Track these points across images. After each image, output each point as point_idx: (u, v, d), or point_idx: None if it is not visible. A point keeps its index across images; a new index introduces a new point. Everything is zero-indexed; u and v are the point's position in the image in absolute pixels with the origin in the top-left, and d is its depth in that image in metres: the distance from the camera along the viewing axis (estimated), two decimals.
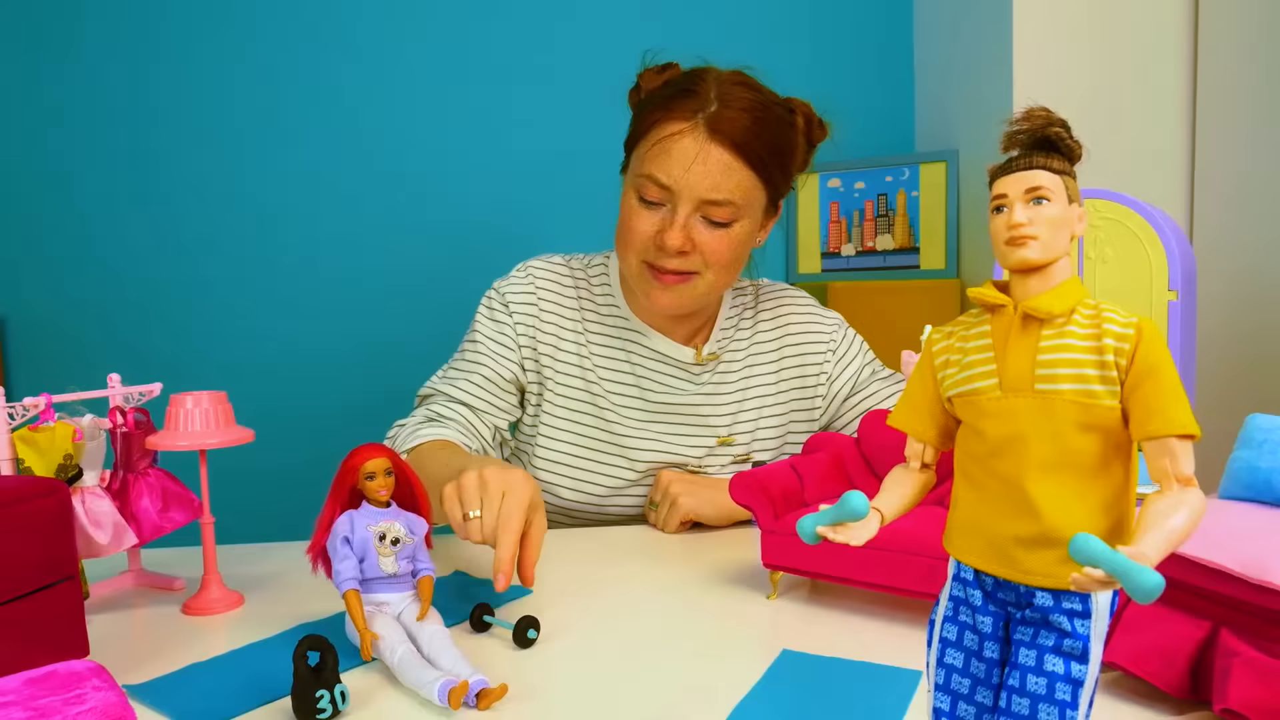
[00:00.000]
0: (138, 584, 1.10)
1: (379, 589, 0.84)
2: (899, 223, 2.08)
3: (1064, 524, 0.47)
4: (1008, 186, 0.51)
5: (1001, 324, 0.51)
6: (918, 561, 0.86)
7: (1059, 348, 0.48)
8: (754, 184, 1.24)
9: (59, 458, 0.97)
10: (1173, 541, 0.43)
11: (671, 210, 1.23)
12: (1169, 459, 0.45)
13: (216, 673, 0.83)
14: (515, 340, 1.35)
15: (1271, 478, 0.72)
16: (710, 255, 1.24)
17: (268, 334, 2.17)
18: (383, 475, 0.84)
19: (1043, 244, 0.49)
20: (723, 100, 1.21)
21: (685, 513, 1.24)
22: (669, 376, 1.36)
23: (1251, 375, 1.52)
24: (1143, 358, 0.46)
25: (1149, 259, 0.99)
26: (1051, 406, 0.48)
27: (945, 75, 2.09)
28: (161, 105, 2.12)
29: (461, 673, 0.76)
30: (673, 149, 1.21)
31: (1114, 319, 0.48)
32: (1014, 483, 0.49)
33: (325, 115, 2.14)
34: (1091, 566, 0.41)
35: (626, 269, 1.30)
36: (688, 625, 0.92)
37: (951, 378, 0.53)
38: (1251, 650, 0.63)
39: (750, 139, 1.21)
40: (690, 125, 1.21)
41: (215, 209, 2.14)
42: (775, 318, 1.43)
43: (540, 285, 1.38)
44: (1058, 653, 0.47)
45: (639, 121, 1.28)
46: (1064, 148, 0.51)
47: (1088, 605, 0.47)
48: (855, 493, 0.52)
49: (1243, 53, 1.57)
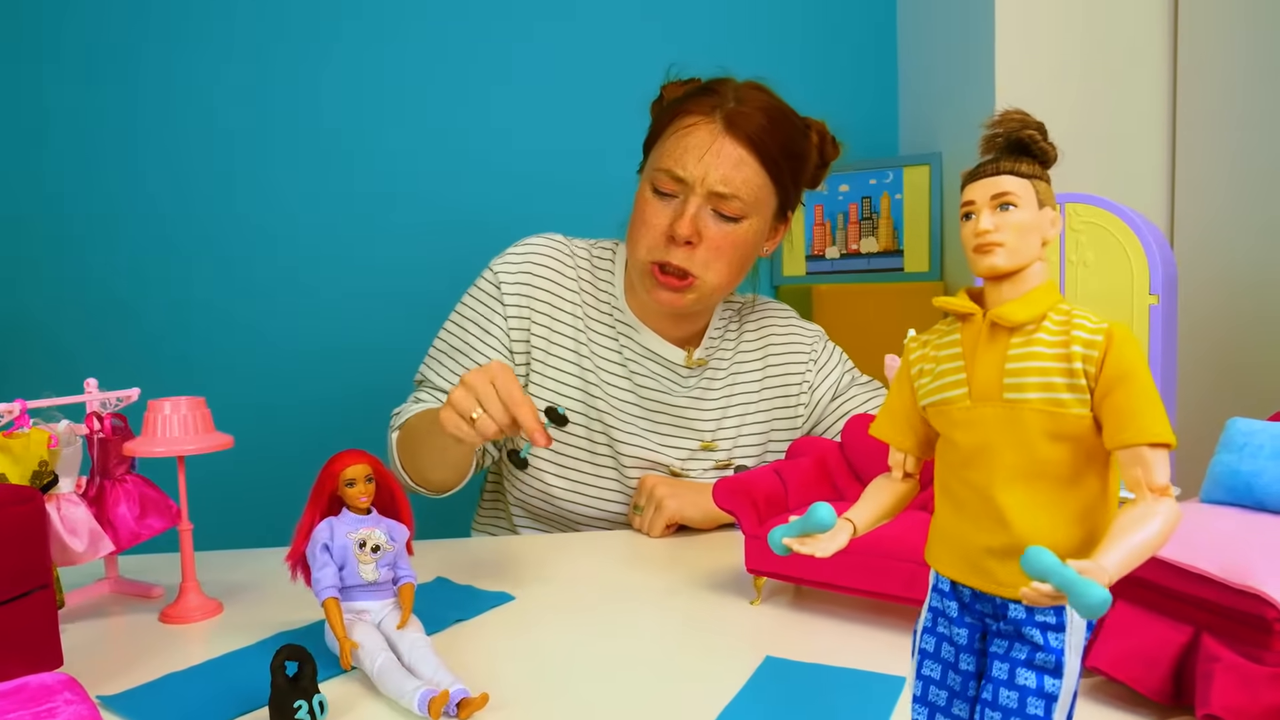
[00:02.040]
0: (114, 591, 1.09)
1: (359, 597, 0.84)
2: (883, 225, 2.08)
3: (1034, 535, 0.46)
4: (975, 193, 0.50)
5: (970, 332, 0.51)
6: (901, 567, 0.86)
7: (1026, 356, 0.48)
8: (764, 183, 1.26)
9: (34, 464, 0.95)
10: (1137, 554, 0.42)
11: (683, 201, 1.24)
12: (1141, 468, 0.44)
13: (193, 682, 0.82)
14: (504, 324, 1.33)
15: (1252, 481, 0.72)
16: (713, 250, 1.25)
17: (248, 339, 2.15)
18: (363, 482, 0.83)
19: (1009, 250, 0.49)
20: (740, 99, 1.25)
21: (670, 516, 1.24)
22: (659, 376, 1.36)
23: (1233, 379, 1.53)
24: (1113, 364, 0.45)
25: (1130, 263, 0.99)
26: (1019, 416, 0.47)
27: (928, 79, 2.09)
28: (140, 109, 2.10)
29: (442, 682, 0.75)
30: (688, 139, 1.24)
31: (1084, 325, 0.47)
32: (985, 493, 0.48)
33: (309, 119, 2.12)
34: (1040, 580, 0.40)
35: (634, 262, 1.31)
36: (671, 631, 0.92)
37: (925, 387, 0.52)
38: (1234, 655, 0.63)
39: (764, 137, 1.24)
40: (707, 118, 1.24)
41: (195, 213, 2.12)
42: (759, 329, 1.45)
43: (537, 264, 1.36)
44: (1030, 666, 0.47)
45: (659, 122, 1.31)
46: (1036, 150, 0.50)
47: (1061, 618, 0.46)
48: (821, 504, 0.51)
49: (1222, 58, 1.58)
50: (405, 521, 0.87)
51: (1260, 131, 1.48)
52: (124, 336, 2.13)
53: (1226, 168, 1.57)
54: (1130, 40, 1.73)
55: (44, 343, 2.12)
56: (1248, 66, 1.51)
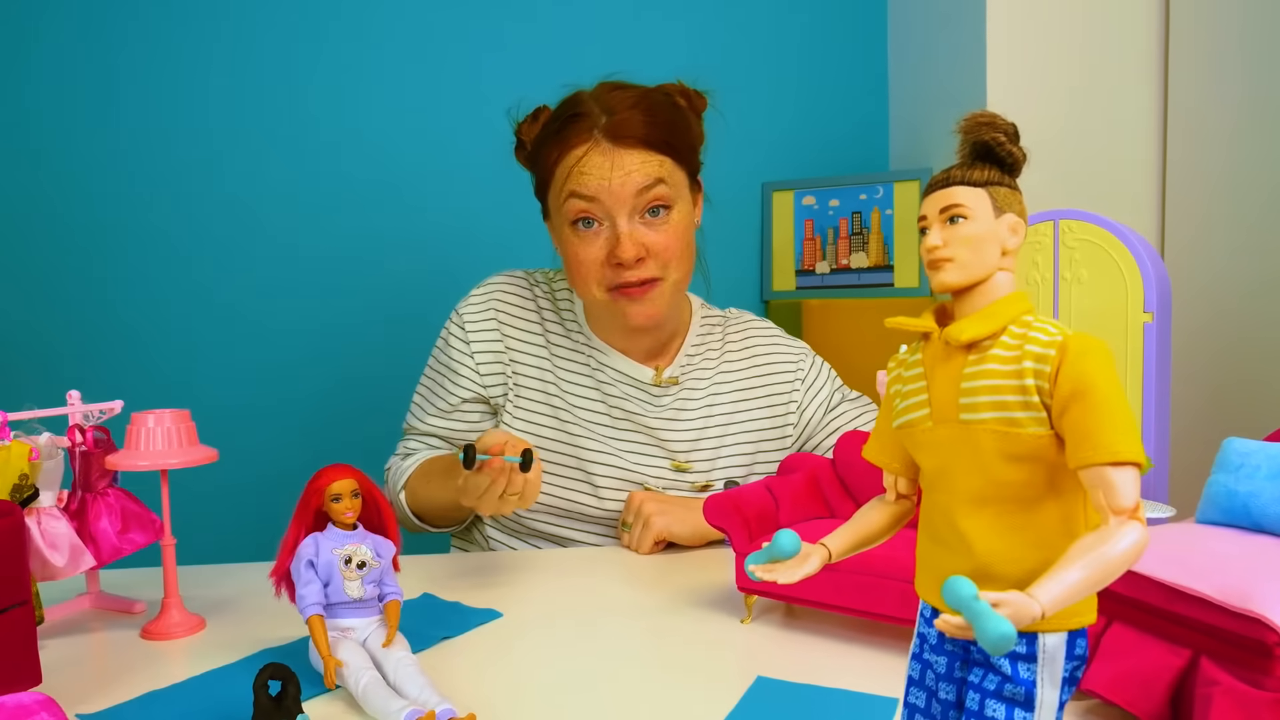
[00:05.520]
0: (96, 607, 1.07)
1: (344, 614, 0.82)
2: (873, 241, 2.08)
3: (997, 560, 0.45)
4: (927, 207, 0.49)
5: (930, 352, 0.49)
6: (893, 586, 0.85)
7: (979, 374, 0.46)
8: (670, 165, 1.26)
9: (14, 477, 0.94)
10: (1083, 584, 0.40)
11: (611, 226, 1.24)
12: (1103, 490, 0.42)
13: (175, 701, 0.81)
14: (474, 365, 1.35)
15: (1249, 502, 0.72)
16: (664, 252, 1.25)
17: (233, 351, 2.13)
18: (349, 497, 0.82)
19: (960, 265, 0.47)
20: (608, 108, 1.24)
21: (659, 533, 1.23)
22: (630, 395, 1.35)
23: (1226, 397, 1.53)
24: (1067, 379, 0.43)
25: (1124, 281, 0.98)
26: (974, 437, 0.45)
27: (919, 94, 2.10)
28: (123, 114, 2.08)
29: (428, 701, 0.74)
30: (587, 168, 1.23)
31: (1038, 339, 0.44)
32: (948, 516, 0.47)
33: (297, 125, 2.11)
34: (954, 611, 0.38)
35: (590, 301, 1.30)
36: (660, 650, 0.91)
37: (896, 408, 0.51)
38: (1233, 680, 0.62)
39: (649, 130, 1.23)
40: (592, 142, 1.23)
41: (180, 224, 2.10)
42: (742, 348, 1.43)
43: (500, 300, 1.38)
44: (999, 698, 0.45)
45: (541, 167, 1.30)
46: (1003, 154, 0.48)
47: (1033, 648, 0.44)
48: (785, 532, 0.50)
49: (1214, 74, 1.58)
50: (392, 537, 0.86)
51: (1251, 148, 1.49)
52: (107, 348, 2.11)
53: (1217, 184, 1.57)
54: (1121, 55, 1.74)
55: (26, 353, 2.10)
56: (1239, 84, 1.51)
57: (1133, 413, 0.43)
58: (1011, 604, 0.38)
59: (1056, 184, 1.70)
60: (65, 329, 2.11)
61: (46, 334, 2.10)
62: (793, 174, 2.19)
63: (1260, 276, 1.46)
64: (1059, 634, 0.45)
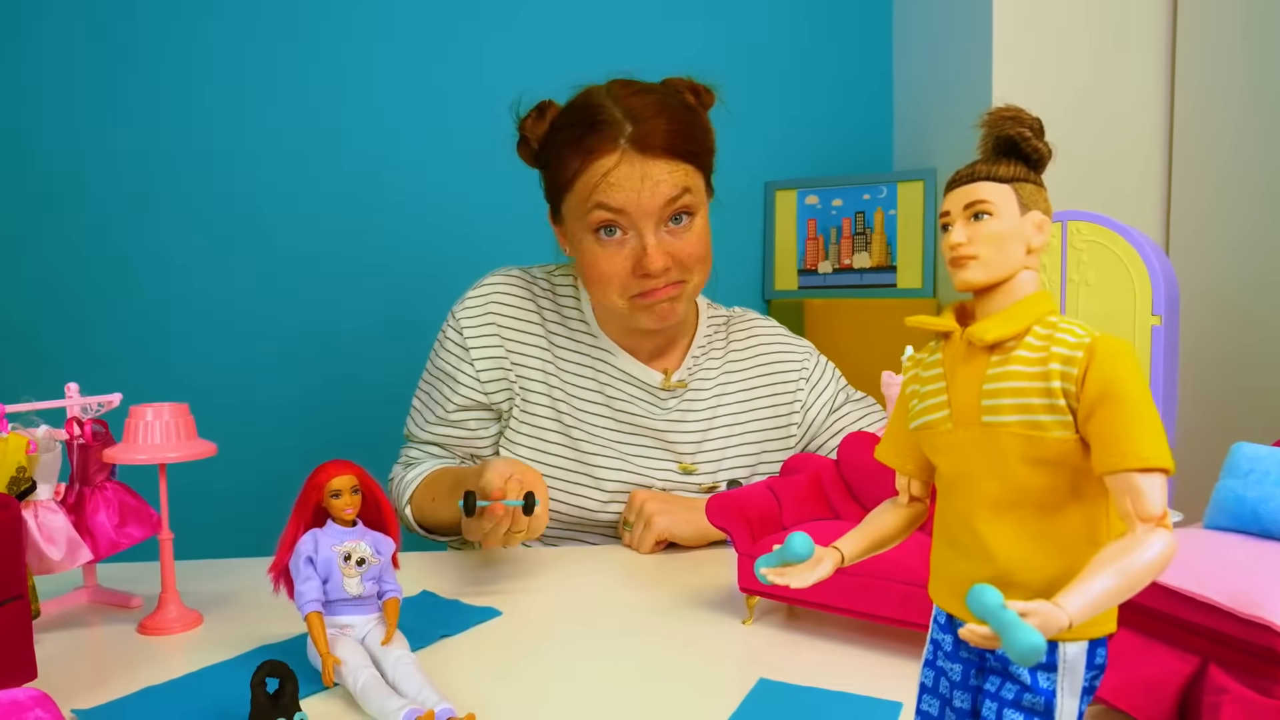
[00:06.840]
0: (92, 601, 1.06)
1: (343, 611, 0.82)
2: (876, 241, 2.07)
3: (1018, 567, 0.44)
4: (950, 203, 0.48)
5: (950, 352, 0.48)
6: (895, 588, 0.85)
7: (1003, 375, 0.44)
8: (694, 173, 1.25)
9: (11, 470, 0.93)
10: (1104, 596, 0.39)
11: (637, 236, 1.22)
12: (1130, 496, 0.40)
13: (171, 697, 0.80)
14: (473, 371, 1.32)
15: (1259, 508, 0.71)
16: (688, 259, 1.24)
17: (232, 345, 2.12)
18: (349, 493, 0.81)
19: (984, 263, 0.46)
20: (633, 116, 1.21)
21: (660, 532, 1.22)
22: (637, 399, 1.34)
23: (1235, 401, 1.52)
24: (1094, 382, 0.42)
25: (1132, 283, 0.98)
26: (997, 440, 0.44)
27: (923, 94, 2.09)
28: (121, 108, 2.08)
29: (427, 701, 0.73)
30: (616, 180, 1.20)
31: (1065, 340, 0.43)
32: (968, 522, 0.46)
33: (296, 121, 2.10)
34: (980, 620, 0.37)
35: (611, 307, 1.27)
36: (661, 651, 0.90)
37: (914, 410, 0.50)
38: (1242, 687, 0.61)
39: (674, 139, 1.22)
40: (620, 153, 1.20)
41: (179, 217, 2.10)
42: (746, 348, 1.42)
43: (499, 302, 1.35)
44: (1018, 707, 0.44)
45: (558, 173, 1.26)
46: (1028, 149, 0.47)
47: (1053, 657, 0.43)
48: (797, 535, 0.49)
49: (1220, 76, 1.58)
50: (391, 534, 0.85)
51: (1257, 149, 1.48)
52: (106, 340, 2.10)
53: (1223, 185, 1.56)
54: (1127, 56, 1.73)
55: (24, 346, 2.09)
56: (1245, 85, 1.51)
57: (1159, 417, 0.42)
58: (1040, 614, 0.37)
59: (1061, 187, 1.69)
60: (64, 321, 2.10)
61: (45, 326, 2.10)
62: (796, 173, 2.18)
63: (1267, 278, 1.46)
64: (1080, 643, 0.44)
